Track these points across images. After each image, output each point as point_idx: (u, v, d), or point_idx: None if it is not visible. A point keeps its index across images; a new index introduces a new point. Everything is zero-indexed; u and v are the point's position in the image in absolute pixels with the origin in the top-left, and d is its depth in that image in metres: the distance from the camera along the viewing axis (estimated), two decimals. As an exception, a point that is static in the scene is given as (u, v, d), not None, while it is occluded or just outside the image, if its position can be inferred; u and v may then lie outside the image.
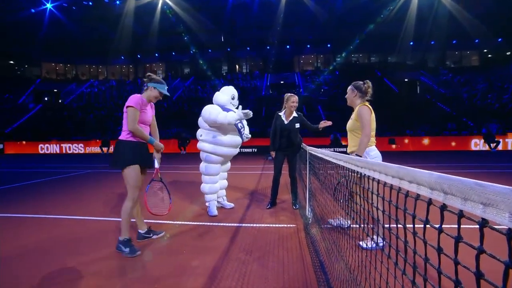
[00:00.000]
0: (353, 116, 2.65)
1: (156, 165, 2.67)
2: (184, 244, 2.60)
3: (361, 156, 2.38)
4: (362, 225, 1.31)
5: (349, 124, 2.71)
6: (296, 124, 3.66)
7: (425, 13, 23.58)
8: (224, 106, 3.42)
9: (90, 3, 25.86)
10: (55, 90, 28.32)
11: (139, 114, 2.46)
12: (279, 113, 3.74)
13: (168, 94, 2.70)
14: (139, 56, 31.38)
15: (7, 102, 23.50)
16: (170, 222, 3.25)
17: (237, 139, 3.51)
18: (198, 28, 26.83)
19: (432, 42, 26.55)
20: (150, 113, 2.63)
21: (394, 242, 0.85)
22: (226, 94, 3.54)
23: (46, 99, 27.34)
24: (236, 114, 3.19)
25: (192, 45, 28.05)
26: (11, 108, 22.95)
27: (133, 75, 32.37)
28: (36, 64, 29.76)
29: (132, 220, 2.51)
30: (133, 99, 2.43)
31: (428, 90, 21.77)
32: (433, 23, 23.86)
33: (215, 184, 3.55)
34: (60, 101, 27.40)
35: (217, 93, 3.61)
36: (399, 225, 0.81)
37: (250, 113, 3.15)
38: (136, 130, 2.42)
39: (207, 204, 3.60)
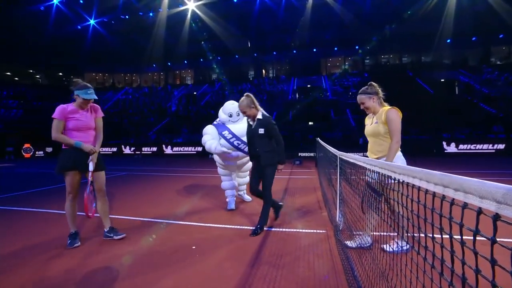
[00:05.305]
0: (378, 120, 2.46)
1: (90, 167, 2.65)
2: (214, 246, 2.68)
3: None
4: (387, 231, 1.27)
5: (374, 128, 2.47)
6: (259, 130, 2.97)
7: (464, 8, 21.96)
8: (224, 124, 3.78)
9: (127, 17, 27.94)
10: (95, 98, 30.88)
11: (70, 122, 2.61)
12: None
13: (88, 97, 2.59)
14: (169, 63, 33.05)
15: (56, 110, 26.10)
16: (200, 224, 3.37)
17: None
18: (225, 35, 27.64)
19: (474, 39, 24.59)
20: (86, 118, 2.69)
21: (438, 252, 0.82)
22: (225, 112, 3.84)
23: (87, 106, 29.87)
24: (216, 149, 3.57)
25: (220, 51, 28.93)
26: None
27: (163, 82, 34.17)
28: (80, 74, 32.72)
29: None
30: (56, 110, 2.58)
31: (468, 91, 20.10)
32: (475, 18, 22.11)
33: (227, 182, 4.05)
34: (99, 107, 29.75)
35: (221, 108, 3.91)
36: (444, 235, 0.79)
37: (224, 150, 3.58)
38: (57, 138, 2.59)
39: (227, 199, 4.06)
